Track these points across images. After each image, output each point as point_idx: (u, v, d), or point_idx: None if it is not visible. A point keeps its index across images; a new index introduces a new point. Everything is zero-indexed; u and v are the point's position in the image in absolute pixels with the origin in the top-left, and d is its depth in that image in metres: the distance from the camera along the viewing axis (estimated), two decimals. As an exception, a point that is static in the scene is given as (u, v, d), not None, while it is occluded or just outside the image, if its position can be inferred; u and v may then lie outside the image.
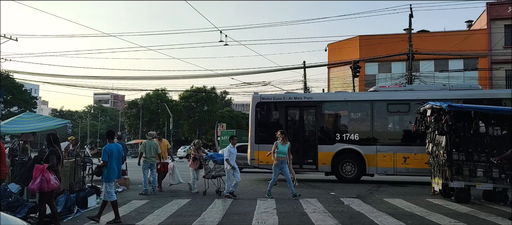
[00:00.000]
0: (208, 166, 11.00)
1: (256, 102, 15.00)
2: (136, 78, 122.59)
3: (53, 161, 6.79)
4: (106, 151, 7.38)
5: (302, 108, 14.77)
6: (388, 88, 15.82)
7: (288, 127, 14.46)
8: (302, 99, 15.20)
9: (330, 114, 14.94)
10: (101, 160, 7.49)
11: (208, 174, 10.85)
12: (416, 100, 13.05)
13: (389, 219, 7.34)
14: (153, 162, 11.11)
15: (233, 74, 66.54)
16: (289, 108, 14.85)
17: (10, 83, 45.14)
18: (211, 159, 11.12)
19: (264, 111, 15.11)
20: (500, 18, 29.01)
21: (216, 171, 10.84)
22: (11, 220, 3.80)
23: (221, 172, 10.79)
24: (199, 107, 61.84)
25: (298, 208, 8.54)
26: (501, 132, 9.30)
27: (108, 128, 78.82)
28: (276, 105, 15.00)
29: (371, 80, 31.99)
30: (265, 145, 13.81)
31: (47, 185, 6.57)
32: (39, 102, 78.65)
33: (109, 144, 7.55)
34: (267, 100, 15.19)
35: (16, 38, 27.55)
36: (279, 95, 16.64)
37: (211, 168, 10.91)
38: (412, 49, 24.09)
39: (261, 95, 15.53)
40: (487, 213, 7.96)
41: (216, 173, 10.83)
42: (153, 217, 7.69)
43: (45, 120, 12.67)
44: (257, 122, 14.88)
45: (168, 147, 12.38)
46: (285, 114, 14.75)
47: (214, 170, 10.87)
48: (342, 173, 13.93)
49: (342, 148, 13.92)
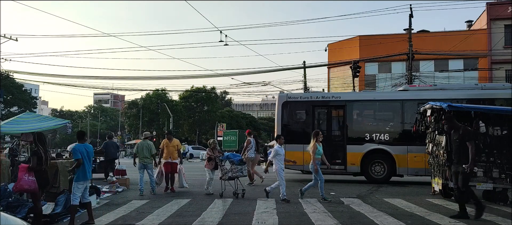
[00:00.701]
0: (225, 167, 10.55)
1: (282, 102, 14.71)
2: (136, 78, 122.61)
3: (34, 162, 6.86)
4: (78, 150, 7.18)
5: (330, 107, 14.49)
6: (418, 87, 15.45)
7: (314, 127, 14.17)
8: (330, 99, 14.83)
9: (359, 114, 14.64)
10: (74, 160, 7.30)
11: (225, 175, 10.41)
12: (447, 100, 12.72)
13: (389, 219, 7.33)
14: (146, 163, 11.02)
15: (233, 74, 66.62)
16: (316, 108, 14.56)
17: (10, 83, 45.16)
18: (227, 160, 10.69)
19: (290, 111, 14.80)
20: (500, 18, 29.03)
21: (233, 172, 10.36)
22: (11, 220, 3.80)
23: (238, 173, 10.38)
24: (199, 107, 61.83)
25: (298, 208, 8.54)
26: (501, 132, 9.29)
27: (108, 128, 79.08)
28: (303, 105, 14.73)
29: (371, 80, 32.01)
30: (292, 145, 13.68)
31: (17, 185, 6.70)
32: (39, 102, 78.70)
33: (79, 144, 7.36)
34: (294, 99, 14.94)
35: (16, 38, 27.62)
36: (305, 94, 16.40)
37: (227, 169, 10.44)
38: (412, 49, 24.10)
39: (287, 94, 15.29)
40: (487, 213, 7.95)
41: (233, 175, 10.35)
42: (153, 217, 7.68)
43: (45, 120, 12.67)
44: (283, 121, 14.57)
45: (178, 147, 11.96)
46: (312, 113, 14.49)
47: (231, 171, 10.38)
48: (372, 174, 13.69)
49: (372, 149, 13.66)
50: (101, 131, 75.32)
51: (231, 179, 10.36)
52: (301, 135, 14.16)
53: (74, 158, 7.30)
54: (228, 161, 10.65)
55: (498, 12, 29.20)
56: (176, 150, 11.83)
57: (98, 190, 10.17)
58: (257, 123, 71.88)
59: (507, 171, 9.05)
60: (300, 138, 13.94)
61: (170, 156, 11.63)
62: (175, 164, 11.65)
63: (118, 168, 12.89)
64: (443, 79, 29.01)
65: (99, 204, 9.30)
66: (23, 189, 6.76)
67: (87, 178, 7.27)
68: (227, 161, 10.68)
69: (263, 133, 66.00)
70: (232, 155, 11.16)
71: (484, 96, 12.66)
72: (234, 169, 10.40)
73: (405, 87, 15.20)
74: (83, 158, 7.17)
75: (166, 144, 11.76)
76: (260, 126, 70.79)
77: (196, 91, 58.99)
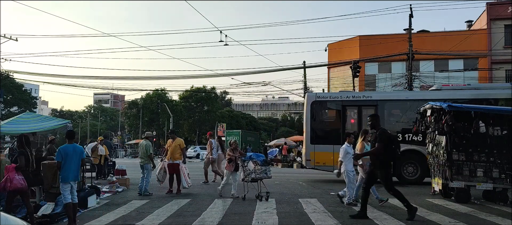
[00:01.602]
0: (248, 168, 9.96)
1: (311, 101, 14.51)
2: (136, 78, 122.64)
3: (21, 162, 6.93)
4: (60, 152, 7.05)
5: (360, 107, 14.27)
6: (451, 86, 15.24)
7: (345, 127, 14.03)
8: (360, 98, 14.61)
9: (391, 114, 14.44)
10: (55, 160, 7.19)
11: (247, 177, 9.83)
12: (482, 100, 12.44)
13: (389, 219, 7.33)
14: (142, 163, 11.00)
15: (233, 74, 66.56)
16: (346, 107, 14.36)
17: (10, 83, 45.17)
18: (250, 160, 10.13)
19: (320, 110, 14.64)
20: (500, 18, 29.03)
21: (256, 174, 9.77)
22: (11, 220, 3.80)
23: (262, 175, 9.81)
24: (199, 107, 61.84)
25: (298, 208, 8.54)
26: (501, 132, 9.30)
27: (108, 128, 79.05)
28: (332, 104, 14.57)
29: (371, 80, 32.01)
30: (321, 146, 13.61)
31: (10, 184, 6.70)
32: (39, 102, 78.67)
33: (65, 145, 7.19)
34: (323, 98, 14.77)
35: (16, 38, 27.56)
36: (335, 94, 16.21)
37: (250, 170, 9.84)
38: (412, 49, 24.10)
39: (317, 94, 15.10)
40: (487, 213, 7.96)
41: (257, 176, 9.76)
42: (153, 217, 7.68)
43: (45, 120, 12.67)
44: (312, 121, 14.35)
45: (181, 147, 11.43)
46: (342, 113, 14.27)
47: (254, 172, 9.78)
48: (404, 175, 13.49)
49: (404, 149, 13.15)
50: (101, 131, 75.27)
51: (254, 181, 9.82)
52: (330, 135, 14.07)
53: (56, 159, 7.16)
54: (251, 162, 10.07)
55: (498, 12, 29.20)
56: (179, 150, 11.37)
57: (98, 190, 10.17)
58: (257, 123, 71.85)
59: (507, 171, 9.06)
60: (329, 139, 13.87)
61: (171, 156, 11.30)
62: (176, 164, 11.20)
63: (118, 168, 12.90)
64: (443, 79, 29.00)
65: (99, 204, 9.30)
66: (17, 188, 6.79)
67: (68, 179, 7.02)
68: (250, 161, 10.11)
69: (263, 133, 66.01)
70: (255, 155, 10.72)
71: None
72: (258, 170, 9.85)
73: (438, 87, 14.79)
74: (68, 159, 6.99)
75: (169, 144, 11.55)
76: (260, 126, 70.77)
77: (196, 91, 58.99)
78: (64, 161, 6.98)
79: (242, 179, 10.12)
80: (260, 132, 63.83)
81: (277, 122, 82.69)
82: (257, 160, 10.17)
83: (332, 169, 13.94)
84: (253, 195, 10.35)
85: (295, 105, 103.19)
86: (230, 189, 10.29)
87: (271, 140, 56.02)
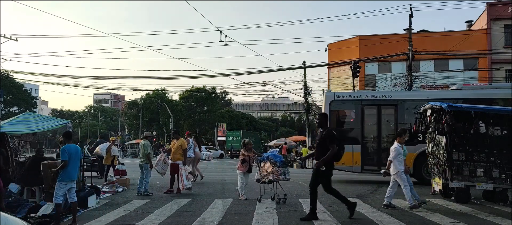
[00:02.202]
0: (265, 168, 9.44)
1: (330, 100, 14.31)
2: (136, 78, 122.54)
3: (0, 161, 6.92)
4: (66, 151, 7.07)
5: (380, 106, 14.10)
6: (472, 86, 15.00)
7: (364, 126, 13.93)
8: (380, 97, 14.39)
9: (411, 113, 13.99)
10: (61, 160, 7.17)
11: (264, 178, 9.37)
12: (504, 99, 12.30)
13: (389, 219, 7.34)
14: (141, 163, 11.01)
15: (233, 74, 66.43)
16: (366, 107, 14.21)
17: (10, 83, 45.17)
18: (268, 161, 9.52)
19: (339, 110, 14.52)
20: (500, 18, 29.04)
21: (274, 175, 9.29)
22: (11, 220, 3.80)
23: (281, 177, 9.33)
24: (199, 107, 61.86)
25: (298, 208, 8.54)
26: (501, 132, 9.30)
27: (108, 128, 79.04)
28: (351, 104, 14.41)
29: (371, 80, 32.02)
30: None
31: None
32: (39, 102, 78.69)
33: (68, 145, 7.24)
34: (342, 98, 14.60)
35: (16, 38, 27.59)
36: (354, 93, 15.99)
37: (268, 172, 9.36)
38: (412, 49, 24.11)
39: (335, 93, 14.90)
40: (487, 213, 7.96)
41: (275, 178, 9.30)
42: (153, 217, 7.68)
43: (45, 120, 12.65)
44: (330, 121, 14.04)
45: (183, 147, 11.36)
46: (361, 112, 14.12)
47: (272, 173, 9.31)
48: (425, 175, 13.23)
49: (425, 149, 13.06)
50: (101, 131, 75.30)
51: (270, 182, 9.38)
52: (349, 135, 13.96)
53: (61, 159, 7.16)
54: (268, 162, 9.48)
55: (498, 12, 29.21)
56: (181, 150, 11.31)
57: (98, 190, 10.17)
58: (257, 123, 71.89)
59: (507, 171, 9.06)
60: (348, 138, 13.74)
61: (172, 157, 11.31)
62: (176, 165, 11.16)
63: (118, 168, 12.88)
64: (443, 79, 29.01)
65: (99, 204, 9.30)
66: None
67: (71, 178, 7.17)
68: (267, 162, 9.50)
69: (263, 133, 66.03)
70: (273, 155, 10.05)
71: None
72: (276, 171, 9.32)
73: (459, 86, 14.59)
74: (71, 158, 7.09)
75: (173, 144, 11.53)
76: (260, 126, 70.79)
77: (196, 91, 59.00)
78: (69, 160, 7.07)
79: (257, 180, 9.69)
80: (260, 132, 63.86)
81: (277, 122, 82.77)
82: (275, 161, 9.53)
83: (352, 169, 13.87)
84: (253, 196, 10.34)
85: (295, 105, 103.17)
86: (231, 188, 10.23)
87: (271, 140, 56.08)
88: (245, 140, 10.49)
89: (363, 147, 13.92)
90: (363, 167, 13.80)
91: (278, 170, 9.34)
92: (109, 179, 12.08)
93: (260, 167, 9.57)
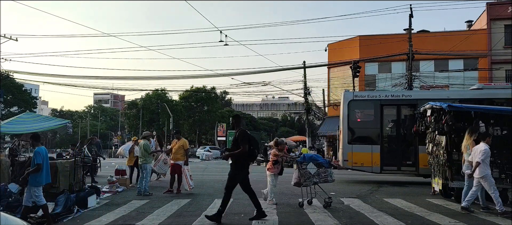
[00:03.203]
0: (307, 170, 8.76)
1: (348, 100, 14.26)
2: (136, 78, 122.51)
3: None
4: (41, 153, 6.90)
5: (400, 106, 13.98)
6: (494, 85, 14.97)
7: (383, 126, 13.79)
8: (400, 97, 14.23)
9: None
10: (35, 163, 6.87)
11: (309, 180, 8.74)
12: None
13: (389, 219, 7.34)
14: (141, 163, 11.03)
15: (233, 74, 66.50)
16: (385, 106, 14.08)
17: (10, 83, 45.14)
18: (311, 162, 8.86)
19: (357, 110, 14.40)
20: (500, 18, 29.02)
21: (320, 177, 8.75)
22: (11, 220, 3.80)
23: (328, 178, 8.82)
24: (199, 107, 61.86)
25: (298, 208, 8.53)
26: (501, 132, 9.30)
27: (108, 128, 78.97)
28: (370, 103, 14.30)
29: (371, 80, 31.99)
30: (359, 146, 13.35)
31: None
32: (39, 102, 78.64)
33: (40, 147, 7.04)
34: (360, 97, 14.52)
35: (16, 38, 27.60)
36: (373, 93, 15.91)
37: (312, 173, 8.74)
38: (412, 49, 24.10)
39: (354, 93, 14.82)
40: (487, 213, 7.96)
41: (322, 179, 8.76)
42: (153, 217, 7.68)
43: (45, 120, 12.65)
44: (349, 121, 14.09)
45: (184, 147, 11.22)
46: (380, 112, 14.01)
47: (317, 175, 8.74)
48: None
49: None
50: (101, 131, 75.29)
51: (315, 184, 8.85)
52: (368, 135, 13.89)
53: (36, 162, 6.86)
54: (311, 163, 8.85)
55: (498, 12, 29.20)
56: (183, 150, 11.15)
57: (98, 190, 10.17)
58: (257, 123, 71.88)
59: (507, 171, 9.05)
60: (367, 139, 13.69)
61: (173, 157, 11.22)
62: (178, 165, 11.11)
63: (118, 168, 12.87)
64: (443, 79, 29.01)
65: (99, 204, 9.30)
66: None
67: (48, 181, 7.06)
68: (310, 163, 8.85)
69: (263, 133, 66.01)
70: (316, 155, 9.47)
71: None
72: (322, 172, 8.78)
73: (479, 86, 14.45)
74: (44, 161, 6.93)
75: (174, 144, 11.42)
76: (260, 126, 70.78)
77: (196, 91, 59.01)
78: (43, 163, 6.91)
79: (295, 183, 8.97)
80: (260, 132, 63.87)
81: (277, 122, 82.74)
82: (321, 162, 8.93)
83: (371, 169, 13.79)
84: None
85: (295, 105, 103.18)
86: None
87: (271, 140, 56.10)
88: (277, 138, 9.76)
89: (382, 147, 13.77)
90: (382, 168, 13.66)
91: (325, 171, 8.83)
92: (109, 179, 12.08)
93: (302, 170, 8.80)
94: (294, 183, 9.00)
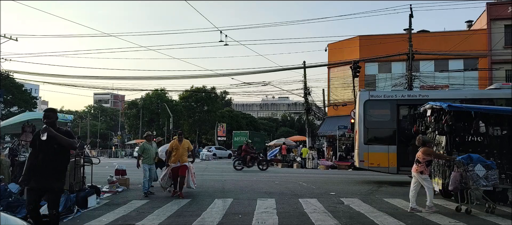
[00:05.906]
0: (475, 173, 7.93)
1: (364, 100, 14.12)
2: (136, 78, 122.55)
3: None
4: None
5: (416, 106, 13.57)
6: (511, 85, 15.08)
7: (400, 127, 13.65)
8: (416, 97, 13.98)
9: None
10: None
11: (475, 184, 7.96)
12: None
13: (389, 219, 7.34)
14: (151, 163, 11.01)
15: (233, 74, 66.52)
16: (401, 107, 13.97)
17: (10, 83, 45.10)
18: (478, 163, 8.00)
19: (373, 109, 14.24)
20: (500, 18, 29.02)
21: (489, 181, 7.92)
22: (11, 220, 3.79)
23: (495, 182, 8.03)
24: (199, 107, 61.88)
25: (298, 208, 8.53)
26: (501, 132, 9.30)
27: (108, 128, 78.95)
28: (387, 103, 14.15)
29: (371, 80, 31.99)
30: (376, 146, 13.25)
31: None
32: (39, 102, 78.57)
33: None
34: (377, 97, 14.37)
35: (16, 38, 27.58)
36: (389, 92, 15.79)
37: (480, 176, 7.91)
38: (412, 49, 24.10)
39: (370, 92, 14.69)
40: (487, 213, 7.96)
41: (491, 183, 7.95)
42: (153, 217, 7.68)
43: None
44: (365, 121, 13.95)
45: (189, 149, 10.91)
46: (397, 112, 13.89)
47: (486, 178, 7.92)
48: None
49: None
50: (101, 131, 75.28)
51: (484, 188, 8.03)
52: (385, 135, 13.79)
53: None
54: (479, 164, 7.97)
55: (498, 12, 29.19)
56: (186, 152, 10.80)
57: (98, 190, 10.16)
58: (257, 123, 71.93)
59: (507, 171, 9.05)
60: (384, 139, 13.58)
61: (179, 159, 10.69)
62: (185, 166, 10.64)
63: (118, 168, 12.86)
64: (443, 79, 29.00)
65: (99, 204, 9.29)
66: None
67: None
68: (478, 164, 7.97)
69: (263, 133, 66.05)
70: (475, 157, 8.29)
71: None
72: (491, 175, 7.94)
73: (497, 85, 14.32)
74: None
75: (175, 146, 10.72)
76: (260, 126, 70.83)
77: (196, 91, 59.02)
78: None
79: (453, 189, 8.18)
80: (260, 132, 63.93)
81: (277, 122, 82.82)
82: (489, 163, 8.12)
83: (387, 170, 13.62)
84: (253, 196, 10.34)
85: (295, 105, 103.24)
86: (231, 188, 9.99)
87: (271, 140, 56.09)
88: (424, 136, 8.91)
89: (399, 147, 13.64)
90: (399, 168, 13.53)
91: (493, 174, 8.02)
92: (109, 179, 12.07)
93: (469, 172, 7.99)
94: (453, 188, 8.18)
